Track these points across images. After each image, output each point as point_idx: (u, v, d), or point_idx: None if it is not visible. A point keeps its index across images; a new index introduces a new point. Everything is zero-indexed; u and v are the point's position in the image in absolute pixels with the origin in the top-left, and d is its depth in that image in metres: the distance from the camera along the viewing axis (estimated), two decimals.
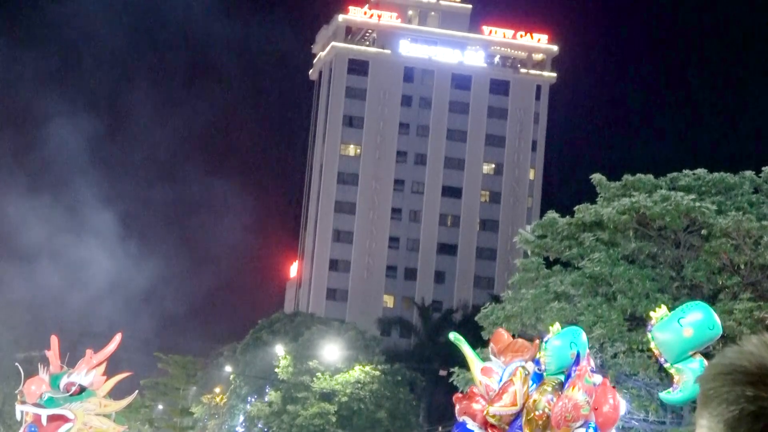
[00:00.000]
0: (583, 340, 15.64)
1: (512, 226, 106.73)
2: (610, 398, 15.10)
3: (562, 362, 15.42)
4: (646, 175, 42.16)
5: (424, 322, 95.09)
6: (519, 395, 15.52)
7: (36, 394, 25.00)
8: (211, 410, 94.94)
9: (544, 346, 15.79)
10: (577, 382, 14.86)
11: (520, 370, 15.79)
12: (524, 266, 44.70)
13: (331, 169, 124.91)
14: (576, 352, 15.13)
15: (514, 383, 15.66)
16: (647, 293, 39.06)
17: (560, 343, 15.60)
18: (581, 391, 14.76)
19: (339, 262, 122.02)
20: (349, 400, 74.23)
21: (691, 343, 14.69)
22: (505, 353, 16.31)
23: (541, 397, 15.37)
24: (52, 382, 25.24)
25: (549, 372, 15.63)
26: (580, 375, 14.90)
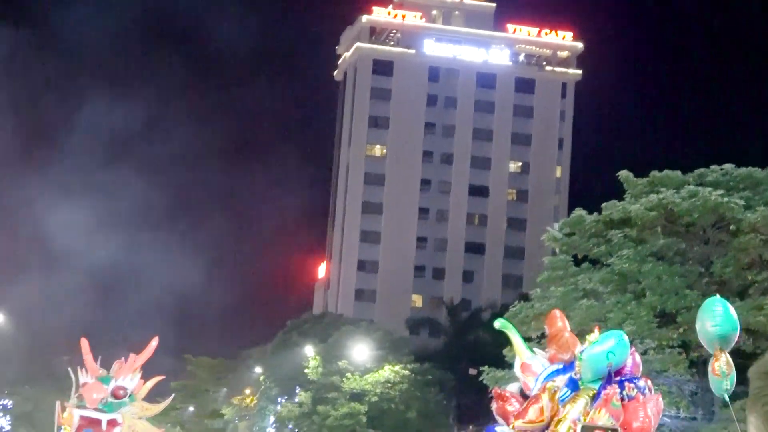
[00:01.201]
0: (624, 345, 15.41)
1: (539, 224, 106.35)
2: (641, 414, 14.93)
3: (598, 373, 15.26)
4: (673, 172, 42.00)
5: (453, 322, 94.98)
6: (546, 410, 15.38)
7: (97, 399, 25.20)
8: (241, 412, 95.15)
9: (580, 356, 15.63)
10: (602, 407, 14.73)
11: (550, 386, 15.65)
12: (552, 264, 44.62)
13: (357, 169, 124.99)
14: (612, 363, 14.97)
15: (541, 400, 15.51)
16: (676, 290, 38.95)
17: (596, 353, 15.43)
18: (606, 416, 14.63)
19: (367, 262, 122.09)
20: (379, 400, 74.22)
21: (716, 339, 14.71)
22: (551, 343, 16.15)
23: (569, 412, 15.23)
24: None
25: (584, 381, 15.48)
26: (607, 399, 14.75)
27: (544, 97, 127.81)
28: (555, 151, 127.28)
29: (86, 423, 25.22)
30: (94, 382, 25.49)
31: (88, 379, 25.41)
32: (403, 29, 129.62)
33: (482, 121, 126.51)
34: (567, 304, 41.06)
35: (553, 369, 15.99)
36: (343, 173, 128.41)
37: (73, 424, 25.25)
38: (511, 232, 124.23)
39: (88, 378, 25.47)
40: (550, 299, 42.10)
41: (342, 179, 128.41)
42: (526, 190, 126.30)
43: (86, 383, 25.25)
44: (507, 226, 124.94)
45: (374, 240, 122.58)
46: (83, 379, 25.67)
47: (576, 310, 39.65)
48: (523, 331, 42.44)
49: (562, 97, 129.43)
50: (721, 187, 40.22)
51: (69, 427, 27.95)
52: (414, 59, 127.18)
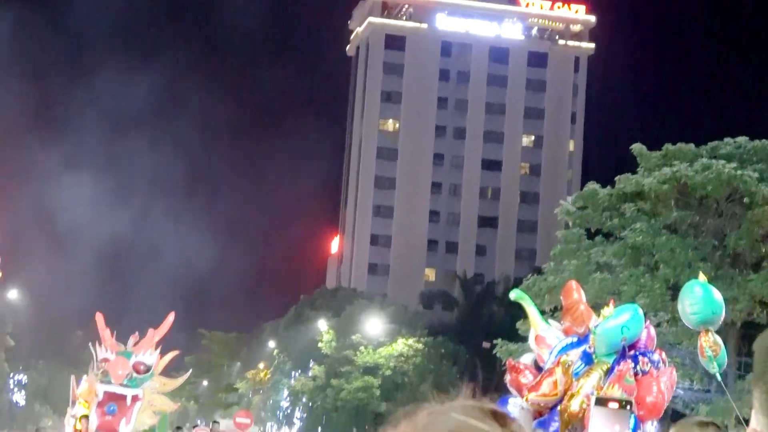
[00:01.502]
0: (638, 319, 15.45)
1: (552, 198, 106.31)
2: (654, 389, 14.95)
3: (613, 347, 15.30)
4: (686, 145, 41.94)
5: (466, 296, 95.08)
6: (559, 384, 15.43)
7: (123, 375, 25.31)
8: (255, 386, 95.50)
9: (594, 330, 15.66)
10: (615, 382, 14.76)
11: (564, 360, 15.68)
12: (566, 238, 44.65)
13: (370, 144, 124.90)
14: (626, 338, 15.00)
15: (555, 374, 15.54)
16: (689, 263, 38.95)
17: (611, 327, 15.47)
18: (620, 391, 14.66)
19: (380, 236, 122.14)
20: (392, 373, 74.41)
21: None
22: (566, 316, 16.17)
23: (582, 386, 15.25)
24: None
25: (599, 355, 15.52)
26: (620, 375, 14.79)
27: (557, 71, 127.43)
28: (568, 125, 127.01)
29: (111, 398, 25.32)
30: (118, 357, 25.60)
31: (108, 354, 25.49)
32: (415, 4, 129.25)
33: (495, 96, 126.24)
34: (580, 278, 41.04)
35: (568, 342, 16.04)
36: (356, 148, 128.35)
37: (93, 399, 25.34)
38: (524, 205, 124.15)
39: (108, 353, 25.55)
40: (564, 272, 42.13)
41: (355, 154, 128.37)
42: (539, 164, 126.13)
43: (107, 359, 25.34)
44: (520, 200, 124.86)
45: (387, 214, 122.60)
46: (102, 354, 25.75)
47: (589, 283, 39.68)
48: (536, 304, 42.53)
49: (575, 71, 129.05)
50: (735, 160, 40.17)
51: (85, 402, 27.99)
52: (426, 34, 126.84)
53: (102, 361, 25.50)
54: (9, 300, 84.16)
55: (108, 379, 24.98)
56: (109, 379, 24.99)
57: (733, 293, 37.19)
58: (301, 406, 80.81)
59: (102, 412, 25.11)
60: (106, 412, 25.11)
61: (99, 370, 25.35)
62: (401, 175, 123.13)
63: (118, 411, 25.23)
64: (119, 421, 25.27)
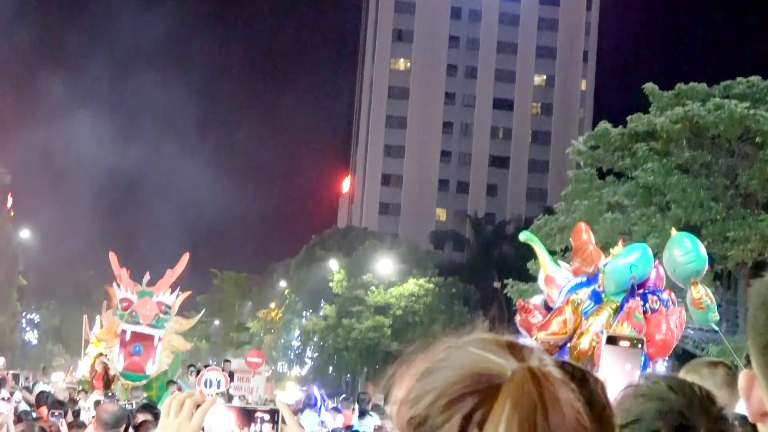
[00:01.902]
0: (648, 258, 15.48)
1: (564, 137, 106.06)
2: (664, 326, 14.99)
3: (622, 285, 15.34)
4: (699, 84, 41.75)
5: (477, 235, 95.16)
6: (569, 323, 15.50)
7: (151, 316, 25.43)
8: (266, 325, 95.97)
9: (603, 269, 15.71)
10: (625, 320, 14.81)
11: (573, 298, 15.76)
12: (577, 177, 44.62)
13: (381, 84, 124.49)
14: (635, 276, 15.04)
15: (564, 312, 15.63)
16: (701, 202, 38.94)
17: (620, 264, 15.51)
18: (629, 328, 14.69)
19: (391, 176, 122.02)
20: (403, 313, 74.66)
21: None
22: (575, 256, 16.26)
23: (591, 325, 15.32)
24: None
25: (608, 293, 15.57)
26: (629, 312, 14.83)
27: (569, 10, 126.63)
28: (580, 64, 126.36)
29: (137, 339, 25.43)
30: (144, 298, 25.71)
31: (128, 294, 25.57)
32: None
33: (507, 35, 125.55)
34: (591, 218, 41.11)
35: (577, 282, 16.10)
36: (367, 87, 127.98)
37: (114, 340, 25.36)
38: (536, 145, 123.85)
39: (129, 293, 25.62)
40: (575, 212, 42.16)
41: (366, 93, 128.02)
42: (550, 104, 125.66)
43: (128, 299, 25.42)
44: (531, 140, 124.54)
45: (398, 154, 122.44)
46: (122, 294, 25.82)
47: (600, 223, 39.71)
48: (547, 244, 42.52)
49: (587, 10, 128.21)
50: (747, 99, 39.99)
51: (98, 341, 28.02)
52: None
53: (122, 301, 25.62)
54: (21, 239, 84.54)
55: (136, 320, 25.10)
56: (137, 319, 25.10)
57: (744, 233, 37.21)
58: (312, 345, 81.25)
59: (128, 353, 25.24)
60: (132, 352, 25.25)
61: (125, 312, 25.44)
62: (412, 115, 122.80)
63: (143, 351, 25.37)
64: (146, 362, 25.45)
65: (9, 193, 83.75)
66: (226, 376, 27.88)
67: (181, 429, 2.87)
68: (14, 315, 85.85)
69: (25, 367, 57.93)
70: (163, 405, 2.95)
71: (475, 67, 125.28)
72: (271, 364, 78.30)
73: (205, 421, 2.87)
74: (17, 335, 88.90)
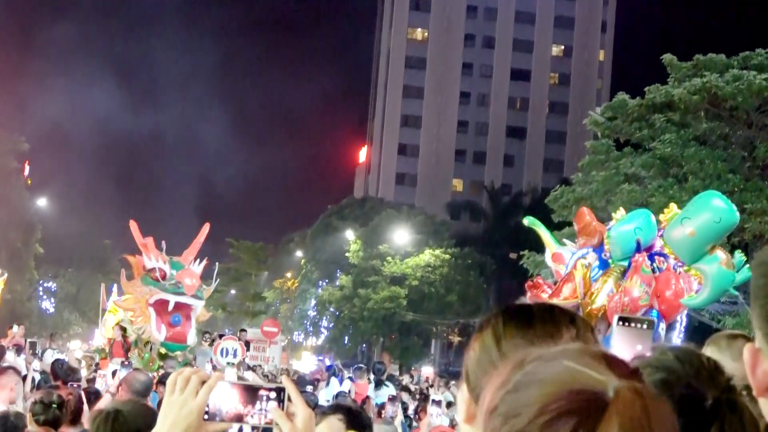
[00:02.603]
0: (651, 223, 15.57)
1: (582, 108, 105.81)
2: (674, 283, 15.05)
3: (627, 249, 15.45)
4: (717, 55, 41.55)
5: (494, 206, 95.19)
6: (579, 287, 15.67)
7: (194, 286, 25.46)
8: (282, 295, 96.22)
9: (608, 234, 15.86)
10: (634, 275, 14.89)
11: (581, 262, 15.95)
12: (594, 148, 44.55)
13: (398, 53, 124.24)
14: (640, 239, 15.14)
15: (574, 277, 15.83)
16: (719, 174, 38.83)
17: (624, 229, 15.63)
18: (639, 282, 14.77)
19: (408, 146, 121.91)
20: (419, 283, 74.77)
21: (697, 241, 14.62)
22: (580, 235, 16.53)
23: (601, 287, 15.46)
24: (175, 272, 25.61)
25: (615, 259, 15.70)
26: (636, 266, 14.92)
27: None
28: (598, 35, 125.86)
29: (179, 309, 25.42)
30: (186, 269, 25.72)
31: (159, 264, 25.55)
32: None
33: (525, 4, 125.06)
34: (608, 189, 41.11)
35: (584, 251, 16.30)
36: (384, 57, 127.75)
37: (146, 311, 25.31)
38: (553, 116, 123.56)
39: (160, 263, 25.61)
40: (592, 183, 42.15)
41: (383, 63, 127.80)
42: (568, 74, 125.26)
43: (161, 269, 25.39)
44: (549, 111, 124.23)
45: (415, 124, 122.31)
46: (151, 263, 25.81)
47: (617, 194, 39.67)
48: (564, 215, 42.65)
49: None
50: (766, 70, 39.80)
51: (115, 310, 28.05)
52: None
53: (152, 271, 25.56)
54: (38, 207, 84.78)
55: (180, 290, 25.06)
56: (181, 289, 25.07)
57: (761, 205, 37.11)
58: (328, 315, 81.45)
59: (168, 324, 25.23)
60: (172, 323, 25.26)
61: (161, 281, 25.36)
62: (429, 85, 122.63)
63: (182, 321, 25.39)
64: (187, 332, 25.51)
65: (26, 161, 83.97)
66: (242, 345, 27.99)
67: (186, 405, 2.90)
68: (31, 283, 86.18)
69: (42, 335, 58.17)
70: (168, 381, 2.99)
71: (492, 37, 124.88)
72: (287, 333, 78.59)
73: (210, 397, 2.90)
74: (34, 303, 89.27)
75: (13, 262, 75.43)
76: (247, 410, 2.91)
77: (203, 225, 27.39)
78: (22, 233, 79.97)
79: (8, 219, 76.64)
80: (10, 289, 71.62)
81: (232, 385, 2.94)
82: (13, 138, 78.26)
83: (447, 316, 76.66)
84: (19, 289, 78.92)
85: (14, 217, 78.01)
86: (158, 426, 2.95)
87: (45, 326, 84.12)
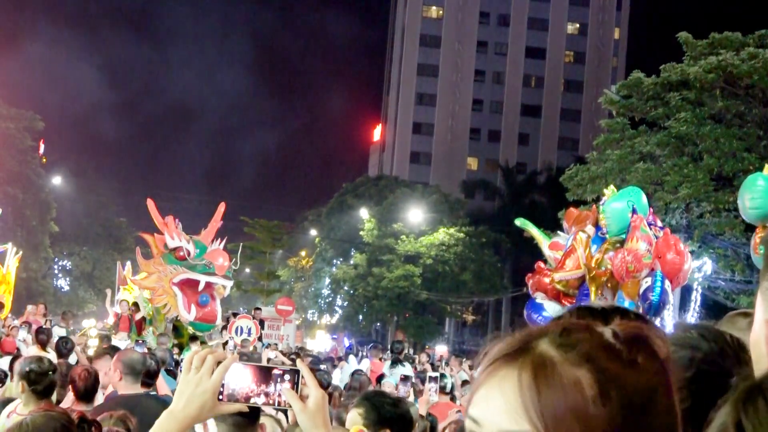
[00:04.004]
0: (642, 202, 15.70)
1: (597, 86, 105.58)
2: (673, 244, 15.14)
3: (623, 223, 15.55)
4: (733, 33, 41.42)
5: (508, 185, 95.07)
6: (581, 258, 15.78)
7: (225, 267, 25.47)
8: (297, 273, 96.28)
9: (602, 209, 15.95)
10: (634, 233, 14.99)
11: (580, 235, 16.06)
12: (609, 127, 44.50)
13: (413, 31, 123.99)
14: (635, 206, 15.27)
15: (576, 248, 15.96)
16: (734, 152, 38.77)
17: (618, 204, 15.73)
18: (640, 241, 14.87)
19: (422, 125, 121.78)
20: (433, 262, 74.76)
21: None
22: (573, 226, 16.70)
23: (602, 255, 15.58)
24: (200, 252, 25.61)
25: (611, 234, 15.81)
26: (635, 226, 15.02)
27: None
28: (614, 12, 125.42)
29: (208, 289, 25.41)
30: (216, 250, 25.70)
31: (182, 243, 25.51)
32: None
33: None
34: (623, 167, 41.07)
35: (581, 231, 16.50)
36: (398, 35, 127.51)
37: (173, 290, 25.25)
38: (568, 94, 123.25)
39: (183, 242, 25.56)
40: (607, 162, 42.11)
41: (398, 41, 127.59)
42: (583, 52, 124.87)
43: (184, 247, 25.35)
44: (564, 89, 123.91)
45: (430, 102, 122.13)
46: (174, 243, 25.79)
47: (632, 172, 39.65)
48: (578, 194, 42.65)
49: None
50: None
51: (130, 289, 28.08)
52: None
53: (176, 250, 25.54)
54: (53, 185, 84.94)
55: (211, 270, 25.04)
56: (212, 270, 25.05)
57: None
58: (342, 293, 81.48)
59: (197, 303, 25.21)
60: (200, 303, 25.24)
61: (187, 259, 25.36)
62: (444, 63, 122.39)
63: (210, 301, 25.39)
64: (215, 312, 25.52)
65: (41, 140, 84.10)
66: (256, 323, 28.05)
67: (201, 384, 2.94)
68: (46, 261, 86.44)
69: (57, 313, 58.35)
70: (184, 360, 3.03)
71: (507, 15, 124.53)
72: (301, 312, 78.75)
73: (225, 377, 2.94)
74: (49, 282, 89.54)
75: (28, 241, 75.70)
76: (260, 390, 2.95)
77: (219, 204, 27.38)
78: (38, 211, 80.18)
79: (23, 197, 76.86)
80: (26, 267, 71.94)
81: (246, 366, 2.98)
82: (28, 116, 78.40)
83: (461, 294, 76.67)
84: (34, 268, 79.17)
85: (29, 195, 78.24)
86: (173, 404, 3.00)
87: (60, 304, 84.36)
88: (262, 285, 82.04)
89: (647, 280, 14.92)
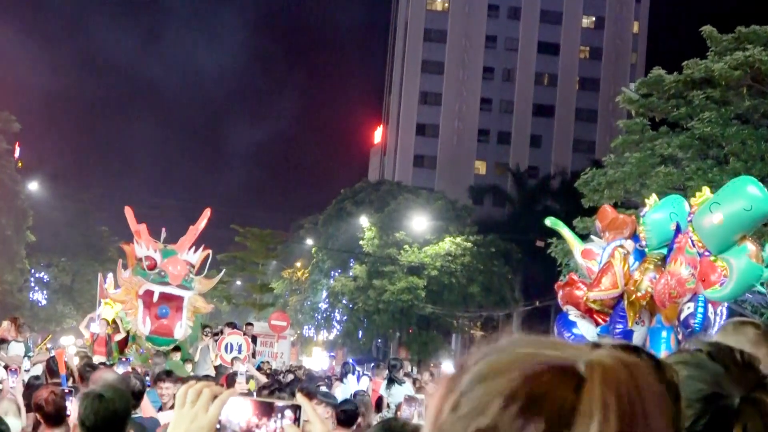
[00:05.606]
0: (684, 209, 15.56)
1: (614, 84, 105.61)
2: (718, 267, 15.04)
3: (663, 236, 15.42)
4: (761, 27, 41.39)
5: (519, 190, 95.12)
6: (619, 277, 15.64)
7: (180, 276, 25.28)
8: (292, 285, 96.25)
9: (642, 221, 15.83)
10: (678, 256, 14.85)
11: (618, 251, 15.91)
12: (628, 128, 44.48)
13: (417, 26, 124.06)
14: (676, 223, 15.11)
15: (613, 265, 15.80)
16: (762, 155, 38.74)
17: (659, 215, 15.60)
18: (684, 265, 14.74)
19: (426, 126, 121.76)
20: (439, 273, 74.75)
21: (725, 230, 14.46)
22: (606, 231, 16.51)
23: (642, 276, 15.45)
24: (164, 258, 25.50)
25: (650, 247, 15.68)
26: (680, 247, 14.88)
27: None
28: (632, 5, 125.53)
29: (164, 300, 25.30)
30: (173, 257, 25.60)
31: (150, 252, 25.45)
32: None
33: None
34: (643, 171, 41.03)
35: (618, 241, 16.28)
36: (401, 30, 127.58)
37: (134, 303, 25.22)
38: (583, 93, 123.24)
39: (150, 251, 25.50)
40: (625, 165, 42.07)
41: (400, 36, 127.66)
42: (600, 48, 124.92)
43: (152, 258, 25.31)
44: (579, 87, 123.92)
45: (434, 102, 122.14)
46: (143, 252, 25.70)
47: (652, 177, 39.62)
48: (594, 200, 42.58)
49: None
50: None
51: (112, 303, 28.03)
52: None
53: (145, 260, 25.46)
54: (29, 191, 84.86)
55: (164, 279, 24.93)
56: (165, 279, 24.93)
57: None
58: (341, 307, 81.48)
59: (154, 315, 25.11)
60: (159, 315, 25.14)
61: (150, 270, 25.30)
62: (450, 60, 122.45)
63: (171, 313, 25.26)
64: (174, 324, 25.35)
65: (17, 143, 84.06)
66: (248, 340, 27.92)
67: (196, 420, 2.92)
68: (22, 273, 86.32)
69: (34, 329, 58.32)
70: (178, 393, 3.01)
71: (518, 8, 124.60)
72: (296, 327, 78.70)
73: (222, 412, 2.92)
74: (25, 295, 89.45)
75: (3, 251, 75.69)
76: (260, 426, 2.93)
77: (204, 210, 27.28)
78: (13, 219, 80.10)
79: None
80: (0, 280, 72.00)
81: (245, 400, 2.96)
82: (3, 117, 78.35)
83: (469, 308, 76.68)
84: (9, 280, 79.12)
85: (4, 201, 78.18)
86: None
87: (38, 319, 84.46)
88: (254, 298, 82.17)
89: (689, 305, 14.78)
